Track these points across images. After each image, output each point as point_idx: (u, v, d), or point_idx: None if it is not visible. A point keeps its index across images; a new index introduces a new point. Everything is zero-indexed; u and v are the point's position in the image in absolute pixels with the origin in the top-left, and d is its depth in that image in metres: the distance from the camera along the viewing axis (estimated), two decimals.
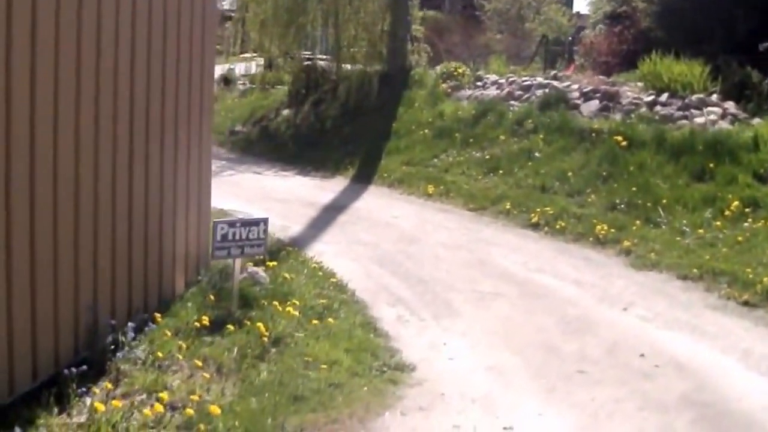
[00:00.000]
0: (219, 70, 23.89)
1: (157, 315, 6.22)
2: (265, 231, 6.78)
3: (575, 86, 14.69)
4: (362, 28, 18.33)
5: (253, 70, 23.20)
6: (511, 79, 15.92)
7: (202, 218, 7.42)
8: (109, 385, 5.16)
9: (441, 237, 10.87)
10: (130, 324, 5.74)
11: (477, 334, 7.24)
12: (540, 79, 15.60)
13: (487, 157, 13.82)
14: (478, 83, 16.60)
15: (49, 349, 5.16)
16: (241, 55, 22.87)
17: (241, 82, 24.22)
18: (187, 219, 7.05)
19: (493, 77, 16.59)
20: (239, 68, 24.39)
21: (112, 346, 5.51)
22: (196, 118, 7.17)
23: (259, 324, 6.21)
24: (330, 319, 6.92)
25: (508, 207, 11.98)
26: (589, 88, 14.42)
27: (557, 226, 11.01)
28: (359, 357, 6.28)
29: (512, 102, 15.09)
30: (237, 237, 6.62)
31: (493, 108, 14.98)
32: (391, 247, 10.22)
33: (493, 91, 15.91)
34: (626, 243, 9.97)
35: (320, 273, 8.46)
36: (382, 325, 7.28)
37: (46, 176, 5.00)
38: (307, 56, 20.16)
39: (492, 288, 8.67)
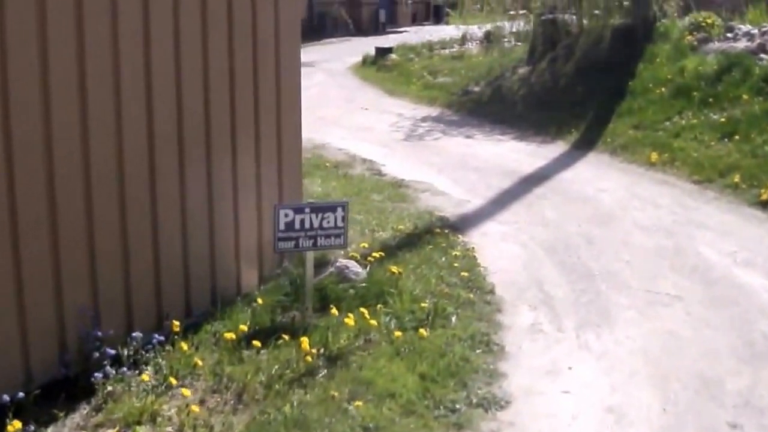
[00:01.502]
0: (483, 27, 22.71)
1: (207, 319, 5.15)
2: (344, 218, 5.42)
3: None
4: None
5: (516, 27, 21.51)
6: (764, 29, 13.28)
7: (287, 194, 6.20)
8: (86, 412, 4.16)
9: (643, 216, 8.98)
10: (134, 334, 4.69)
11: (620, 356, 5.53)
12: None
13: (723, 119, 11.52)
14: (729, 35, 14.07)
15: (18, 364, 4.24)
16: (509, 12, 21.33)
17: (507, 39, 22.71)
18: (259, 199, 5.87)
19: (745, 28, 13.98)
20: (507, 26, 22.90)
21: (105, 361, 4.50)
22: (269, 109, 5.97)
23: (303, 338, 4.92)
24: (423, 330, 5.46)
25: (736, 180, 9.78)
26: None
27: None
28: (434, 386, 4.82)
29: (762, 55, 12.53)
30: (307, 225, 5.34)
31: (740, 62, 12.54)
32: (574, 228, 8.51)
33: (743, 44, 13.37)
34: None
35: (457, 264, 6.99)
36: (502, 337, 5.74)
37: None
38: (550, 10, 18.29)
39: (673, 287, 6.81)
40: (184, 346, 4.85)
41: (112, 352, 4.56)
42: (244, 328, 5.10)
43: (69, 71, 4.42)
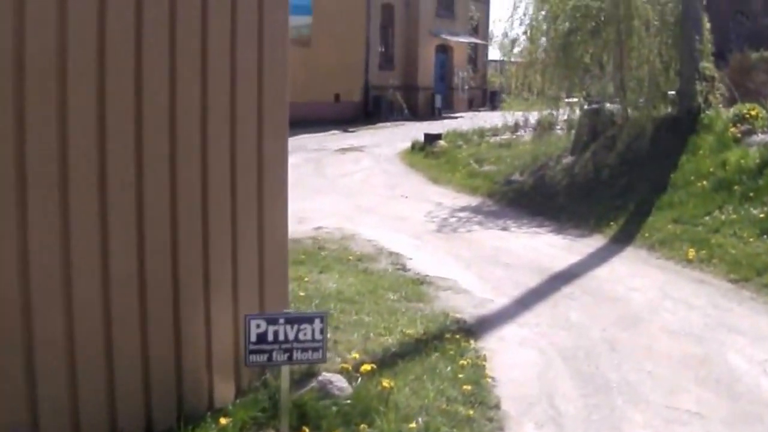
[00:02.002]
0: (536, 114, 22.43)
1: None
2: (323, 330, 5.07)
3: None
4: (648, 68, 15.87)
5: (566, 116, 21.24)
6: None
7: (269, 298, 5.85)
8: None
9: (673, 319, 8.49)
10: None
11: None
12: None
13: (763, 215, 11.02)
14: None
15: None
16: (566, 100, 21.10)
17: (560, 127, 22.44)
18: (235, 304, 5.54)
19: None
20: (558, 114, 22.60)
21: None
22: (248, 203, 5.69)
23: None
24: None
25: None
26: None
27: None
28: None
29: None
30: (281, 337, 4.99)
31: None
32: (599, 333, 8.04)
33: None
34: None
35: (463, 374, 6.57)
36: None
37: None
38: (595, 100, 18.03)
39: (695, 403, 6.31)
40: None
41: None
42: None
43: None
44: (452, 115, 38.06)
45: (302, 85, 33.46)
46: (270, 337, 4.99)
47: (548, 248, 11.97)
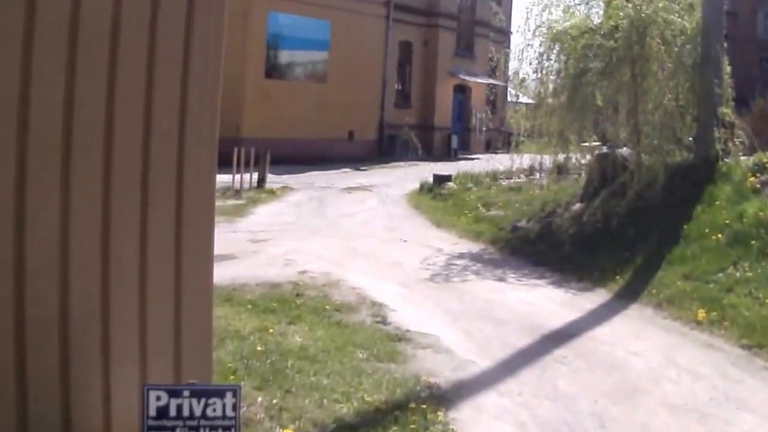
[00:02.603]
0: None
1: None
2: (235, 406, 4.24)
3: None
4: (663, 112, 15.03)
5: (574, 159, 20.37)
6: None
7: (188, 366, 5.01)
8: None
9: (675, 391, 7.59)
10: None
11: None
12: None
13: None
14: None
15: None
16: (587, 144, 20.27)
17: (575, 172, 21.60)
18: (143, 373, 4.72)
19: None
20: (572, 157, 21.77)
21: None
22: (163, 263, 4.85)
23: None
24: None
25: None
26: None
27: None
28: None
29: None
30: (186, 413, 4.17)
31: None
32: (589, 405, 7.14)
33: None
34: None
35: None
36: None
37: None
38: (607, 144, 17.20)
39: None
40: None
41: None
42: None
43: None
44: (469, 156, 37.34)
45: (316, 121, 32.99)
46: (173, 412, 4.18)
47: (546, 303, 11.10)
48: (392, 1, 36.52)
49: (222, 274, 11.40)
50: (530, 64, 16.83)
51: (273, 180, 25.39)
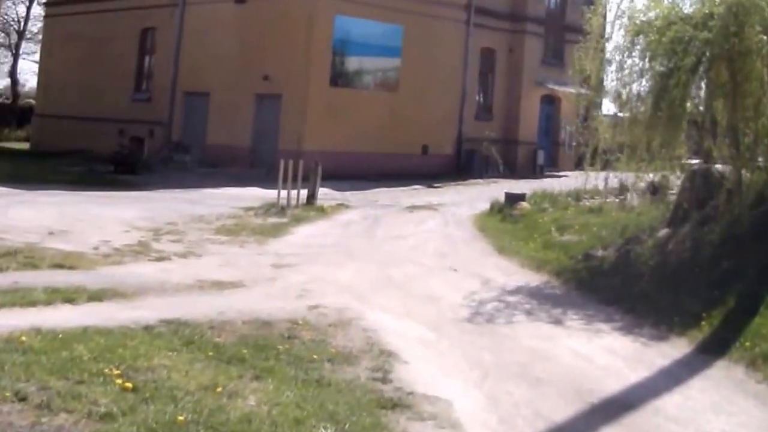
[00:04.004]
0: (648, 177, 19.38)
1: None
2: None
3: None
4: None
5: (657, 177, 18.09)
6: None
7: None
8: None
9: None
10: None
11: None
12: None
13: None
14: None
15: None
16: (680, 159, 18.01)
17: (673, 191, 19.32)
18: None
19: None
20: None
21: None
22: None
23: None
24: None
25: None
26: None
27: None
28: None
29: None
30: None
31: None
32: None
33: None
34: None
35: None
36: None
37: None
38: (702, 159, 14.92)
39: None
40: None
41: None
42: None
43: None
44: (556, 173, 35.00)
45: (387, 134, 31.25)
46: None
47: (606, 356, 9.01)
48: (473, 5, 34.51)
49: (210, 306, 9.76)
50: (610, 63, 14.70)
51: (334, 196, 23.81)
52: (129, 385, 6.30)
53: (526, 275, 13.77)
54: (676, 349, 9.35)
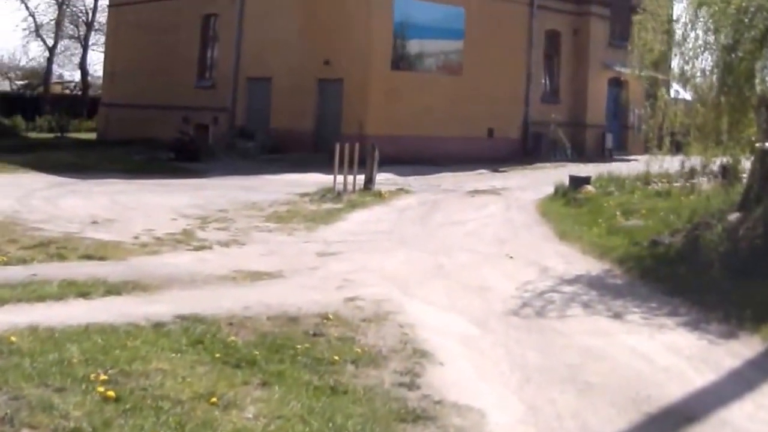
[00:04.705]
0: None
1: None
2: None
3: None
4: None
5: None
6: None
7: None
8: None
9: None
10: None
11: None
12: None
13: None
14: None
15: None
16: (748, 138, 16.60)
17: (744, 174, 17.91)
18: None
19: None
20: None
21: None
22: None
23: None
24: None
25: None
26: None
27: None
28: None
29: None
30: None
31: None
32: None
33: None
34: None
35: None
36: None
37: None
38: None
39: None
40: None
41: None
42: None
43: None
44: (625, 157, 33.44)
45: (451, 117, 30.13)
46: None
47: (668, 356, 7.86)
48: None
49: (237, 299, 8.85)
50: (672, 38, 13.40)
51: (396, 181, 22.89)
52: (112, 393, 5.44)
53: (588, 263, 12.61)
54: (747, 347, 8.16)
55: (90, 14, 52.04)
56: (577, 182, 20.50)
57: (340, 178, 19.93)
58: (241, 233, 13.97)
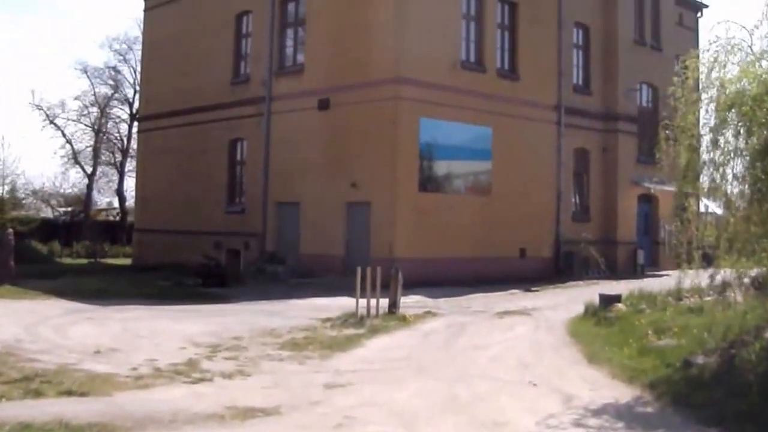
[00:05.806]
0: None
1: None
2: None
3: None
4: None
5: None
6: None
7: None
8: None
9: None
10: None
11: None
12: None
13: None
14: None
15: None
16: None
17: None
18: None
19: None
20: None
21: None
22: None
23: None
24: None
25: None
26: None
27: None
28: None
29: None
30: None
31: None
32: None
33: None
34: None
35: None
36: None
37: None
38: None
39: None
40: None
41: None
42: None
43: None
44: (657, 273, 32.10)
45: (483, 238, 29.16)
46: None
47: None
48: (563, 105, 32.52)
49: None
50: (699, 142, 12.40)
51: (425, 303, 21.82)
52: None
53: (616, 389, 11.30)
54: None
55: (125, 141, 52.56)
56: (608, 301, 19.26)
57: (363, 302, 18.84)
58: (249, 363, 12.87)
